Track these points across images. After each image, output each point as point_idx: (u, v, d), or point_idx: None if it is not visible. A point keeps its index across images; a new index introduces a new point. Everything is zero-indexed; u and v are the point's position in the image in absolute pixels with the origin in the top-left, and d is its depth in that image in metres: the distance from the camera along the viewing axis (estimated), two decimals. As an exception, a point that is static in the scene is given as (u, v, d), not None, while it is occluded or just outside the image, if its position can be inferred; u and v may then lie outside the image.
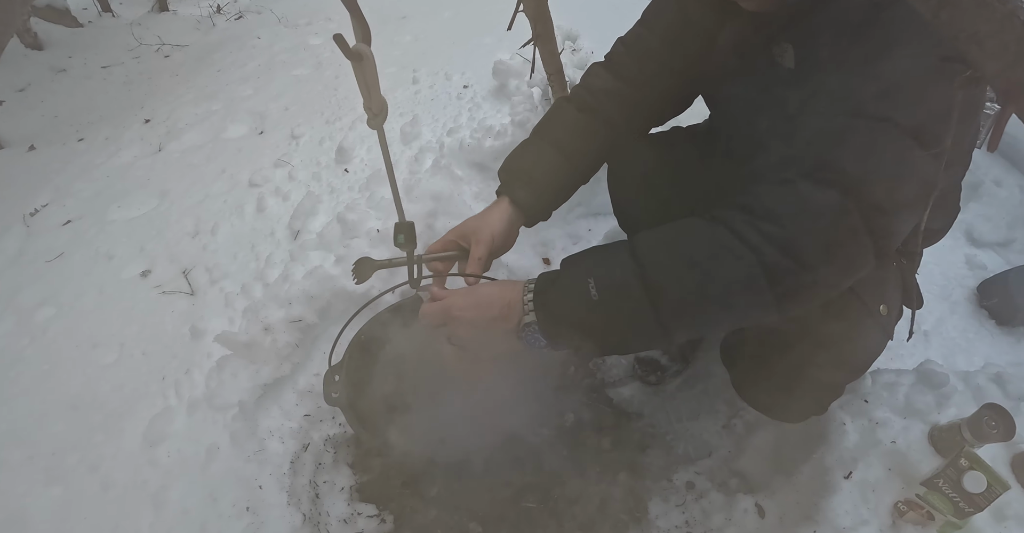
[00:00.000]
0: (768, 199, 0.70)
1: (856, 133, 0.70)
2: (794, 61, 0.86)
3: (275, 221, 1.83)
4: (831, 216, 0.67)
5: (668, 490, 1.33)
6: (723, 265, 0.69)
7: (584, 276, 0.74)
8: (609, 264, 0.75)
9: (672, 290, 0.70)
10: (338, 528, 1.28)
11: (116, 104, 3.02)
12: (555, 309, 0.76)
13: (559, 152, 1.07)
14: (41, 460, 1.34)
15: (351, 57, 0.72)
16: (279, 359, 1.42)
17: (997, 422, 0.93)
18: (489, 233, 1.00)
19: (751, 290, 0.69)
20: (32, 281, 1.84)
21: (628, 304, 0.72)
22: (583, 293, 0.73)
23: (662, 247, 0.73)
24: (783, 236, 0.67)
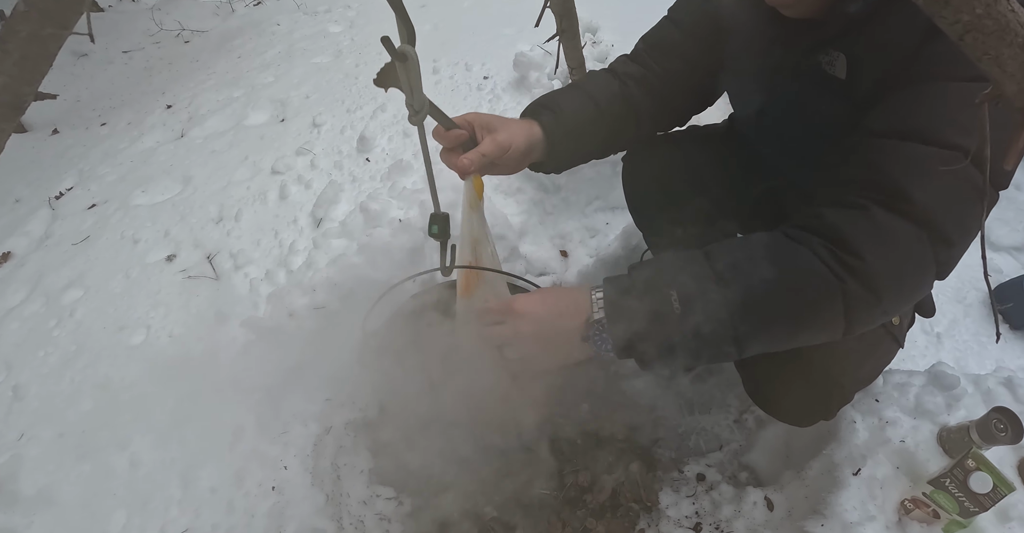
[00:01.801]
0: (846, 227, 0.70)
1: (923, 161, 0.70)
2: (846, 72, 0.84)
3: (298, 209, 1.86)
4: (907, 248, 0.69)
5: (679, 481, 1.36)
6: (808, 291, 0.70)
7: (666, 287, 0.73)
8: (690, 276, 0.73)
9: (755, 310, 0.71)
10: (358, 509, 1.33)
11: (137, 89, 3.05)
12: (630, 317, 0.74)
13: (591, 99, 1.02)
14: (72, 438, 1.39)
15: (396, 57, 0.74)
16: (303, 344, 1.45)
17: (1006, 425, 0.96)
18: (508, 139, 0.90)
19: (829, 317, 0.71)
20: (59, 264, 1.89)
21: (710, 320, 0.71)
22: (665, 303, 0.72)
23: (745, 264, 0.72)
24: (864, 270, 0.69)
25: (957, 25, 0.44)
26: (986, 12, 0.42)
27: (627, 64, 1.10)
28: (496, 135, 0.89)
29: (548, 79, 2.14)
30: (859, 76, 0.83)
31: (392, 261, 1.58)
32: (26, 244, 2.04)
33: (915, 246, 0.70)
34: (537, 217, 1.89)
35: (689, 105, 1.16)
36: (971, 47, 0.44)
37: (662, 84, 1.08)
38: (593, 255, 1.78)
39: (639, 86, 1.07)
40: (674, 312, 0.71)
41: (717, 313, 0.71)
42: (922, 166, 0.70)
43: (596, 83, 1.06)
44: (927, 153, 0.70)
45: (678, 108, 1.15)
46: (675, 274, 0.74)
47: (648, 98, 1.07)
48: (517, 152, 0.91)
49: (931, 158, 0.70)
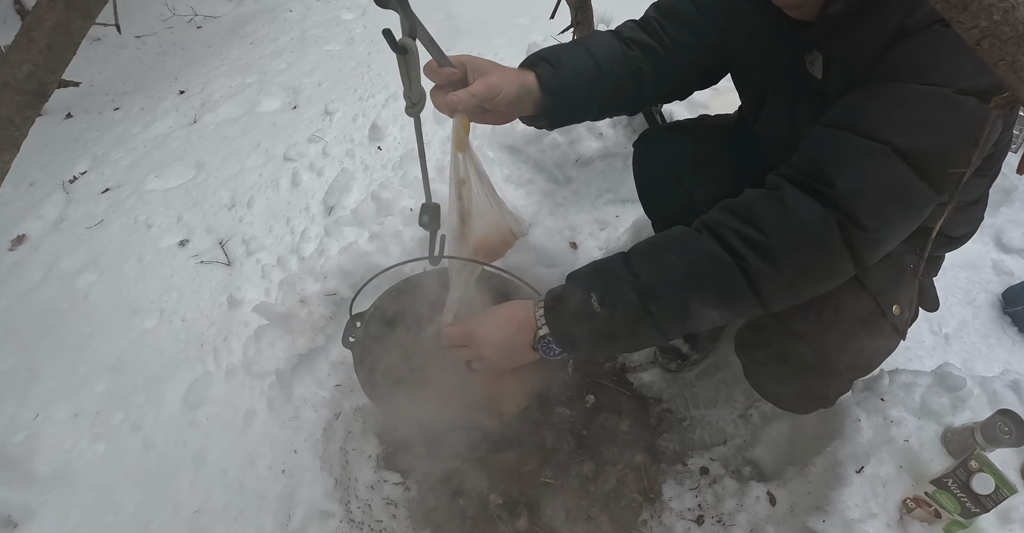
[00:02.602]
0: (756, 204, 0.77)
1: (852, 151, 0.74)
2: (822, 72, 0.87)
3: (309, 196, 1.87)
4: (809, 226, 0.74)
5: (683, 474, 1.38)
6: (707, 272, 0.77)
7: (586, 290, 0.82)
8: (607, 278, 0.82)
9: (663, 298, 0.78)
10: (365, 493, 1.36)
11: (151, 74, 3.06)
12: (564, 323, 0.84)
13: (592, 59, 1.01)
14: (86, 418, 1.41)
15: (397, 50, 0.75)
16: (314, 331, 1.47)
17: (1010, 428, 0.96)
18: (499, 82, 0.88)
19: (735, 293, 0.77)
20: (73, 247, 1.91)
21: (627, 313, 0.79)
22: (586, 306, 0.81)
23: (653, 258, 0.81)
24: (764, 242, 0.74)
25: (974, 30, 0.43)
26: (1004, 18, 0.42)
27: (635, 29, 1.08)
28: (488, 77, 0.88)
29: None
30: (831, 76, 0.86)
31: (403, 249, 1.60)
32: (41, 227, 2.07)
33: (818, 225, 0.73)
34: (547, 209, 1.89)
35: (692, 80, 1.14)
36: (987, 53, 0.44)
37: (668, 54, 1.05)
38: (603, 247, 1.78)
39: (644, 53, 1.05)
40: (595, 311, 0.80)
41: (631, 305, 0.79)
42: (849, 155, 0.75)
43: (600, 43, 1.04)
44: (857, 144, 0.74)
45: (681, 80, 1.12)
46: (596, 277, 0.83)
47: (652, 66, 1.05)
48: (508, 97, 0.90)
49: (860, 149, 0.74)
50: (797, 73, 0.92)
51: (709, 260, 0.77)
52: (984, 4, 0.44)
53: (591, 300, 0.81)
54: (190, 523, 1.20)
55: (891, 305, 0.98)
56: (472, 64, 0.89)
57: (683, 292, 0.78)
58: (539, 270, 1.69)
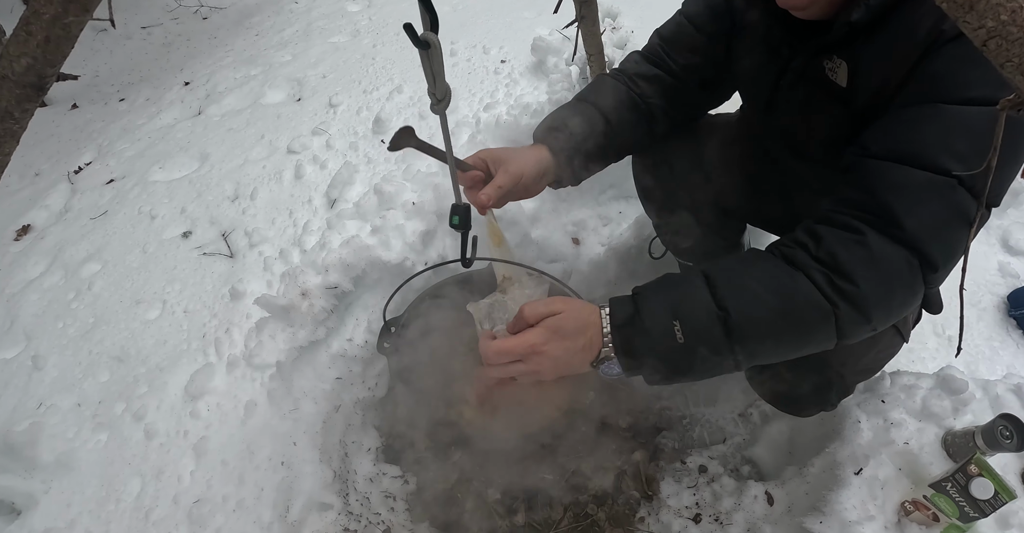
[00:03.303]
0: (842, 253, 0.73)
1: (916, 187, 0.73)
2: (847, 80, 0.85)
3: (312, 189, 1.87)
4: (898, 273, 0.73)
5: (681, 472, 1.38)
6: (805, 318, 0.74)
7: (668, 317, 0.75)
8: (692, 306, 0.75)
9: (752, 337, 0.74)
10: (364, 486, 1.36)
11: (156, 65, 3.06)
12: (637, 348, 0.76)
13: (599, 113, 1.05)
14: (89, 408, 1.43)
15: (419, 45, 0.74)
16: (315, 323, 1.48)
17: (1012, 432, 0.95)
18: (519, 168, 0.94)
19: (822, 338, 0.75)
20: (78, 237, 1.92)
21: (711, 349, 0.74)
22: (668, 336, 0.74)
23: (742, 290, 0.75)
24: (857, 294, 0.72)
25: (981, 30, 0.43)
26: (1011, 19, 0.41)
27: (640, 63, 1.12)
28: (507, 166, 0.93)
29: (566, 65, 2.11)
30: (859, 85, 0.84)
31: (405, 243, 1.60)
32: (46, 217, 2.08)
33: (905, 271, 0.73)
34: (550, 204, 1.88)
35: (705, 99, 1.17)
36: (994, 53, 0.44)
37: (677, 81, 1.09)
38: (605, 244, 1.78)
39: (651, 85, 1.09)
40: (678, 343, 0.74)
41: (718, 341, 0.74)
42: (915, 192, 0.72)
43: (603, 94, 1.08)
44: (921, 179, 0.72)
45: (693, 103, 1.16)
46: (678, 302, 0.76)
47: (661, 97, 1.09)
48: (529, 179, 0.96)
49: (924, 184, 0.72)
50: (813, 79, 0.90)
51: (805, 304, 0.73)
52: (991, 4, 0.43)
53: (674, 330, 0.74)
54: (190, 513, 1.21)
55: None
56: (491, 157, 0.96)
57: (772, 334, 0.75)
58: (540, 266, 1.69)
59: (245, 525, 1.20)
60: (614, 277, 1.72)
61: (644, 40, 1.16)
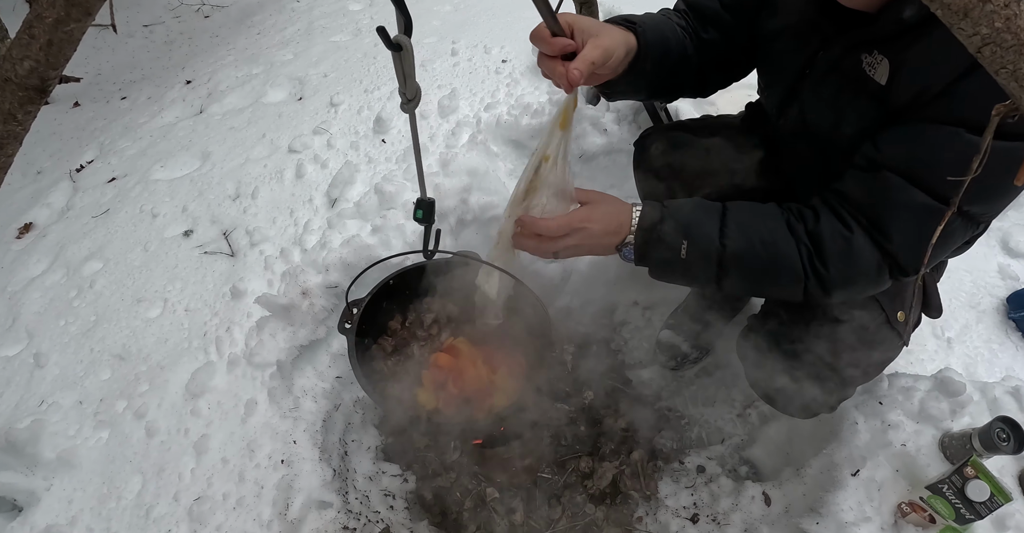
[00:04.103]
0: (828, 241, 0.85)
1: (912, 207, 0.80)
2: (887, 78, 0.83)
3: (313, 188, 1.87)
4: (867, 270, 0.85)
5: (679, 472, 1.38)
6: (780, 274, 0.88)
7: (680, 236, 0.89)
8: (701, 234, 0.89)
9: (735, 273, 0.89)
10: (364, 484, 1.37)
11: (158, 64, 3.07)
12: (649, 249, 0.91)
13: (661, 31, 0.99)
14: (90, 405, 1.43)
15: (391, 47, 0.76)
16: (315, 322, 1.48)
17: (1008, 435, 0.96)
18: (612, 42, 0.84)
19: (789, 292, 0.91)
20: (80, 235, 1.93)
21: (702, 271, 0.90)
22: (675, 250, 0.89)
23: (746, 236, 0.88)
24: (825, 277, 0.86)
25: (975, 37, 0.43)
26: (1005, 26, 0.41)
27: (677, 16, 1.07)
28: (599, 40, 0.82)
29: (567, 65, 2.11)
30: (899, 86, 0.82)
31: (405, 243, 1.60)
32: (48, 215, 2.09)
33: (872, 271, 0.85)
34: (550, 205, 1.89)
35: (719, 78, 1.14)
36: (988, 60, 0.44)
37: (696, 51, 1.05)
38: (604, 245, 1.78)
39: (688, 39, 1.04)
40: (680, 258, 0.89)
41: (708, 266, 0.90)
42: (911, 212, 0.80)
43: (663, 21, 1.02)
44: (920, 200, 0.79)
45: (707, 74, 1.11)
46: (691, 228, 0.89)
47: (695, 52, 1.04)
48: (618, 59, 0.87)
49: (922, 206, 0.79)
50: (848, 72, 0.88)
51: (785, 267, 0.87)
52: (986, 11, 0.43)
53: (681, 247, 0.88)
54: (190, 510, 1.22)
55: (896, 312, 0.98)
56: (578, 25, 0.82)
57: (752, 277, 0.91)
58: (540, 265, 1.69)
59: (245, 523, 1.20)
60: (613, 277, 1.72)
61: (645, 39, 1.15)
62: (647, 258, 0.92)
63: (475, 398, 1.24)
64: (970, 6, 0.43)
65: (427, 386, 1.28)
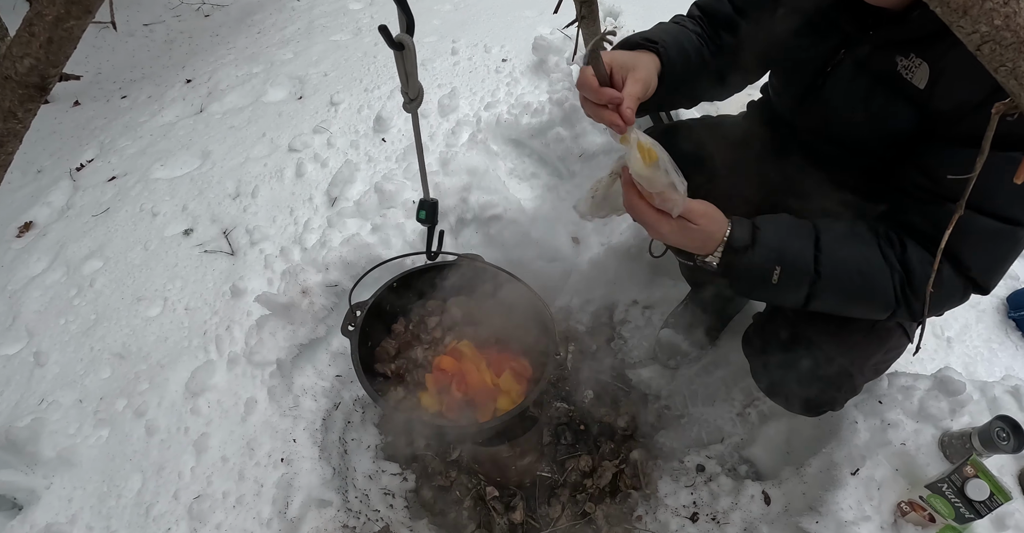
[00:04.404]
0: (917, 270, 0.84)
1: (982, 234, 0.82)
2: (926, 83, 0.82)
3: (313, 187, 1.87)
4: (952, 296, 0.86)
5: (679, 471, 1.38)
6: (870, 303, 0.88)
7: (773, 262, 0.86)
8: (795, 260, 0.86)
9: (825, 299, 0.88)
10: (363, 483, 1.37)
11: (158, 63, 3.07)
12: (736, 270, 0.88)
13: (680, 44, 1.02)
14: (90, 404, 1.43)
15: (393, 46, 0.76)
16: (315, 321, 1.48)
17: (1008, 434, 0.96)
18: (645, 74, 0.88)
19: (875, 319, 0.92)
20: (80, 234, 1.93)
21: (790, 294, 0.88)
22: (766, 276, 0.87)
23: (841, 263, 0.86)
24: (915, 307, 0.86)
25: (974, 35, 0.43)
26: (1005, 24, 0.41)
27: (692, 23, 1.08)
28: (637, 73, 0.86)
29: (567, 64, 2.11)
30: (940, 92, 0.82)
31: (404, 242, 1.60)
32: (48, 214, 2.09)
33: (958, 295, 0.86)
34: (550, 203, 1.89)
35: (735, 78, 1.14)
36: (988, 58, 0.44)
37: (718, 51, 1.07)
38: (605, 243, 1.78)
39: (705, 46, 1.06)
40: (771, 283, 0.87)
41: (798, 293, 0.88)
42: (983, 238, 0.82)
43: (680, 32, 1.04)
44: (989, 227, 0.81)
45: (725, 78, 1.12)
46: (785, 253, 0.87)
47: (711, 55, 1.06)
48: (653, 87, 0.91)
49: (992, 232, 0.81)
50: (881, 73, 0.87)
51: (879, 293, 0.85)
52: (985, 9, 0.43)
53: (773, 273, 0.86)
54: (190, 508, 1.22)
55: None
56: (616, 61, 0.86)
57: (841, 303, 0.89)
58: (540, 264, 1.69)
59: (245, 521, 1.20)
60: (613, 276, 1.72)
61: (645, 39, 1.15)
62: (730, 275, 0.90)
63: (479, 401, 1.23)
64: (969, 4, 0.43)
65: (431, 389, 1.27)
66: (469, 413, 1.22)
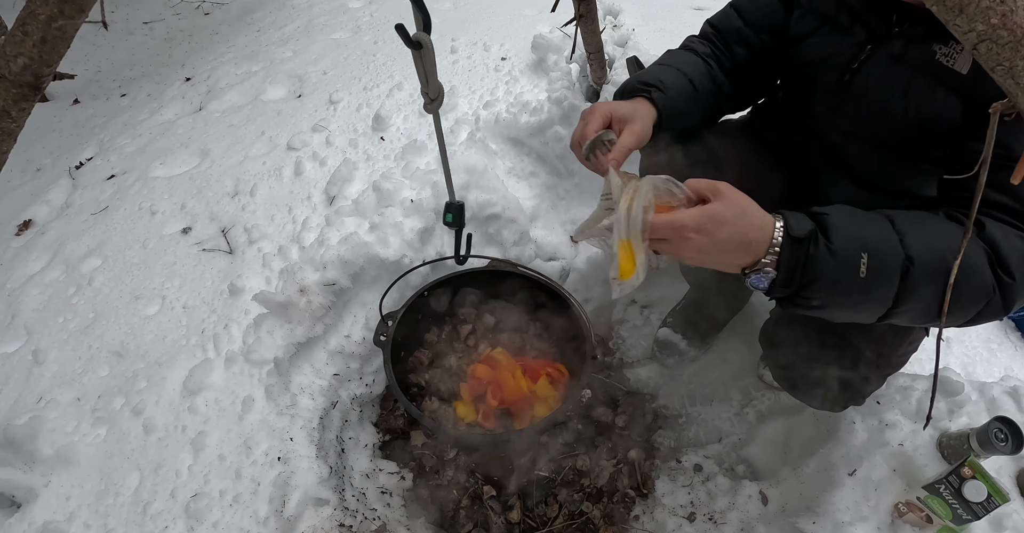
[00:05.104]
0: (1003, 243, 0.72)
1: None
2: (969, 67, 0.80)
3: (312, 185, 1.87)
4: None
5: (676, 470, 1.38)
6: (972, 292, 0.71)
7: (858, 248, 0.69)
8: (882, 244, 0.71)
9: (920, 294, 0.71)
10: (361, 482, 1.37)
11: (158, 61, 3.06)
12: (814, 270, 0.69)
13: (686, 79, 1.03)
14: (88, 402, 1.43)
15: (411, 45, 0.75)
16: (312, 320, 1.48)
17: (1006, 435, 0.95)
18: (642, 126, 0.90)
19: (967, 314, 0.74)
20: (79, 233, 1.93)
21: (881, 293, 0.70)
22: (853, 267, 0.69)
23: (928, 240, 0.72)
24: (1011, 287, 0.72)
25: (971, 34, 0.43)
26: (1002, 23, 0.41)
27: (702, 44, 1.10)
28: (633, 125, 0.89)
29: (566, 63, 2.11)
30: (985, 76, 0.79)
31: (403, 241, 1.60)
32: (47, 212, 2.09)
33: None
34: (549, 202, 1.88)
35: (755, 89, 1.16)
36: (984, 57, 0.44)
37: (736, 69, 1.09)
38: (603, 243, 1.78)
39: (720, 68, 1.07)
40: (859, 277, 0.69)
41: (891, 288, 0.70)
42: None
43: (687, 62, 1.05)
44: None
45: (745, 91, 1.14)
46: (868, 237, 0.71)
47: (728, 80, 1.08)
48: (648, 137, 0.92)
49: None
50: (920, 63, 0.85)
51: (977, 271, 0.71)
52: (981, 7, 0.43)
53: (860, 262, 0.69)
54: (187, 507, 1.22)
55: None
56: (616, 113, 0.90)
57: (936, 295, 0.71)
58: (538, 264, 1.69)
59: (242, 519, 1.20)
60: (613, 276, 1.72)
61: (645, 38, 1.16)
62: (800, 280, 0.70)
63: (515, 409, 1.22)
64: (965, 2, 0.43)
65: (465, 398, 1.26)
66: (506, 421, 1.21)
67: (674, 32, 1.18)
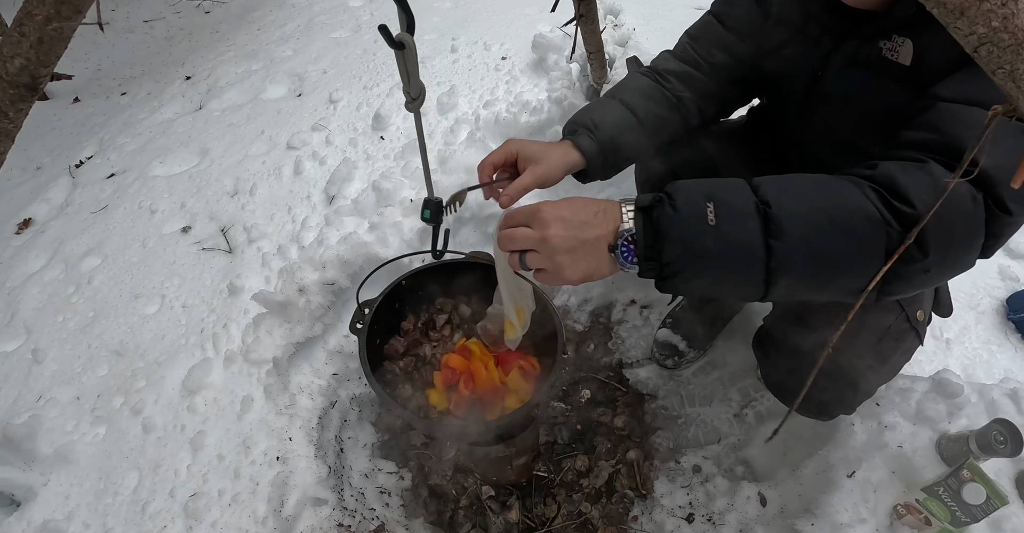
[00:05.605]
0: (900, 175, 0.66)
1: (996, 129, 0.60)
2: (911, 58, 0.82)
3: (311, 185, 1.87)
4: (960, 204, 0.65)
5: (675, 471, 1.38)
6: (852, 224, 0.65)
7: (702, 199, 0.67)
8: (729, 193, 0.68)
9: (791, 236, 0.65)
10: (359, 481, 1.37)
11: (158, 59, 3.06)
12: (661, 224, 0.67)
13: (628, 110, 1.04)
14: (88, 401, 1.44)
15: (394, 45, 0.75)
16: (312, 319, 1.48)
17: (1006, 437, 0.95)
18: (547, 170, 0.94)
19: (868, 259, 0.66)
20: (79, 231, 1.93)
21: (744, 240, 0.66)
22: (698, 213, 0.66)
23: (786, 190, 0.68)
24: (914, 218, 0.64)
25: (972, 37, 0.42)
26: (1003, 25, 0.41)
27: (669, 60, 1.12)
28: (536, 167, 0.93)
29: (567, 62, 2.11)
30: (926, 64, 0.80)
31: (402, 240, 1.60)
32: (47, 211, 2.09)
33: (968, 203, 0.65)
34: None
35: (735, 96, 1.17)
36: (985, 60, 0.43)
37: (706, 76, 1.09)
38: (603, 243, 1.77)
39: (681, 81, 1.09)
40: (708, 225, 0.66)
41: (751, 233, 0.65)
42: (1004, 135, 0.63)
43: (633, 90, 1.08)
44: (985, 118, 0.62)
45: (724, 99, 1.15)
46: (714, 190, 0.68)
47: (692, 92, 1.09)
48: (554, 180, 0.97)
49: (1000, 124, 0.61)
50: (868, 62, 0.88)
51: (856, 213, 0.65)
52: (982, 10, 0.43)
53: (707, 209, 0.66)
54: (186, 506, 1.22)
55: (916, 311, 0.97)
56: (522, 152, 0.94)
57: (818, 236, 0.65)
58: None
59: (240, 519, 1.20)
60: (611, 277, 1.72)
61: (646, 38, 1.16)
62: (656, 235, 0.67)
63: (487, 399, 1.23)
64: (966, 5, 0.42)
65: (438, 387, 1.27)
66: (477, 411, 1.22)
67: (675, 31, 1.18)
